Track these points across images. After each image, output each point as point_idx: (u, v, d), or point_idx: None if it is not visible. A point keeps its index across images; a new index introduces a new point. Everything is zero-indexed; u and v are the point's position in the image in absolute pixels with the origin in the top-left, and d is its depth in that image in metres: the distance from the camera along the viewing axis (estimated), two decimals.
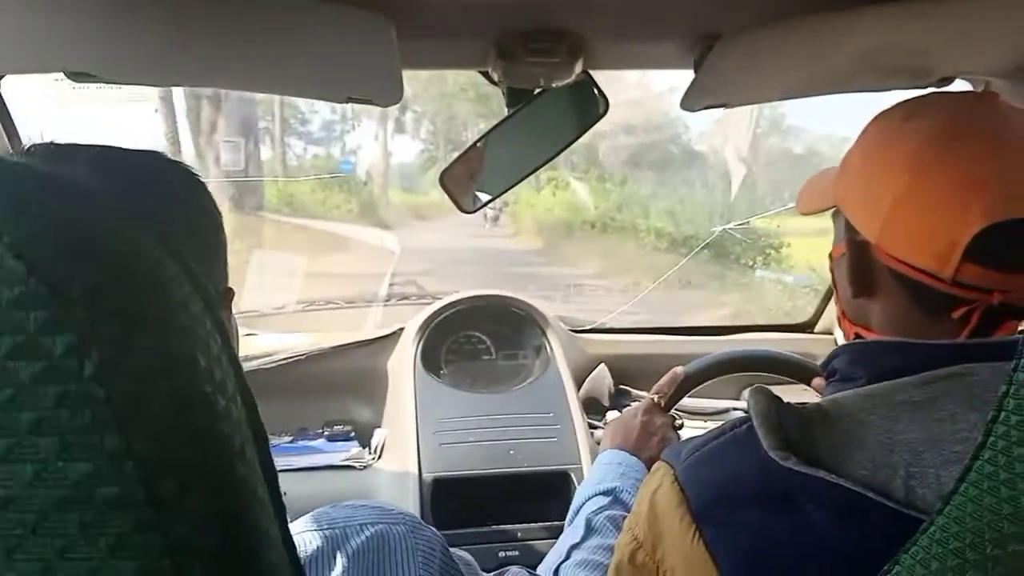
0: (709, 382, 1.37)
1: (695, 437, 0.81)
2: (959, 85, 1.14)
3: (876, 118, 0.80)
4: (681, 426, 1.30)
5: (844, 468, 0.65)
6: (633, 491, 1.09)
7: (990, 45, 1.01)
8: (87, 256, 0.32)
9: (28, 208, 0.31)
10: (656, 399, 1.28)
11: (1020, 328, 0.74)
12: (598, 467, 1.18)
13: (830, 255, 0.87)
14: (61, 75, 0.99)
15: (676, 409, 1.55)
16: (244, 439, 0.38)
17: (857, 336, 0.82)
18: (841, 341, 1.95)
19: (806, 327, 2.12)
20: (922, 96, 0.79)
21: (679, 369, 1.32)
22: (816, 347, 2.04)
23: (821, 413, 0.71)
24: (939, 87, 1.11)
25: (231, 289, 0.71)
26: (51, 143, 0.66)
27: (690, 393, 1.36)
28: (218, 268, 0.71)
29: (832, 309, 2.03)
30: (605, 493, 1.10)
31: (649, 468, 1.13)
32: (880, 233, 0.74)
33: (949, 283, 0.70)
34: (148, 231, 0.37)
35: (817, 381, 1.12)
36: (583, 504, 1.11)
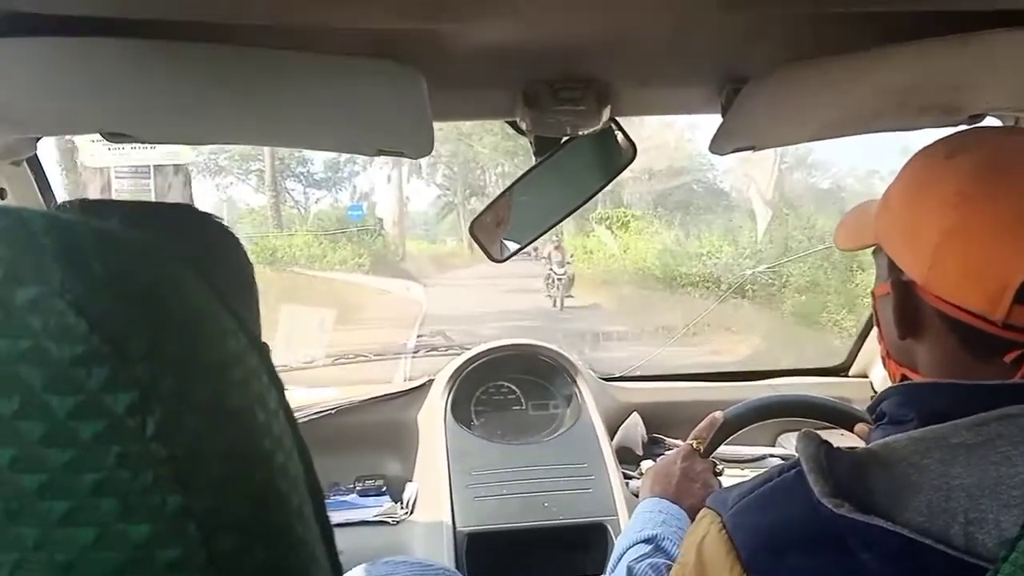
0: (747, 428, 1.35)
1: (741, 483, 0.79)
2: (989, 122, 1.13)
3: (917, 155, 0.79)
4: (721, 472, 1.27)
5: (900, 514, 0.63)
6: (675, 539, 1.06)
7: (1019, 81, 1.01)
8: (146, 311, 0.31)
9: (87, 264, 0.31)
10: (695, 444, 1.26)
11: None
12: (638, 516, 1.16)
13: (872, 294, 0.85)
14: (98, 135, 1.01)
15: (713, 456, 1.52)
16: (302, 497, 0.37)
17: (903, 377, 0.80)
18: (877, 384, 1.94)
19: (840, 371, 2.09)
20: (963, 132, 0.78)
21: (718, 414, 1.29)
22: (851, 391, 2.00)
23: (873, 457, 0.69)
24: (969, 124, 1.10)
25: (265, 344, 0.71)
26: (83, 200, 0.67)
27: (728, 440, 1.34)
28: (255, 321, 0.71)
29: (866, 351, 2.00)
30: (646, 541, 1.07)
31: (691, 516, 1.12)
32: (927, 274, 0.72)
33: (1000, 326, 0.68)
34: (200, 283, 0.36)
35: (860, 427, 1.10)
36: (624, 552, 1.08)
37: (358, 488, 1.87)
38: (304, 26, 0.80)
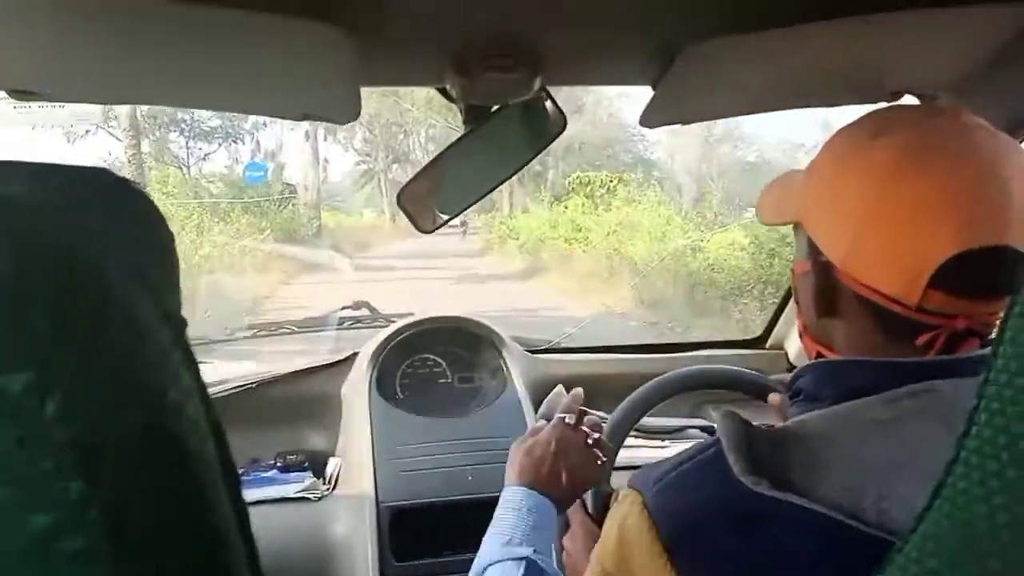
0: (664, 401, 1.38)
1: (662, 461, 0.79)
2: (907, 100, 1.17)
3: (841, 133, 0.79)
4: (597, 441, 1.20)
5: (815, 491, 0.65)
6: (547, 551, 1.00)
7: (940, 58, 1.04)
8: (46, 283, 0.29)
9: None
10: (566, 419, 1.20)
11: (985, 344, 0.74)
12: (505, 508, 1.07)
13: (792, 270, 0.86)
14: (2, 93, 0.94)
15: (636, 429, 1.54)
16: (216, 480, 0.35)
17: (819, 354, 0.82)
18: (793, 356, 2.00)
19: (757, 343, 2.15)
20: (886, 111, 0.78)
21: (579, 391, 1.27)
22: (768, 362, 2.06)
23: (790, 435, 0.71)
24: (890, 101, 1.13)
25: (182, 319, 0.67)
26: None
27: (649, 413, 1.36)
28: (174, 295, 0.67)
29: (783, 324, 2.06)
30: (517, 560, 0.98)
31: (557, 507, 1.08)
32: (845, 257, 0.73)
33: (914, 310, 0.70)
34: (110, 253, 0.34)
35: (772, 397, 1.12)
36: (491, 565, 0.99)
37: (279, 464, 1.83)
38: None
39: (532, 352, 2.06)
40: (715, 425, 1.90)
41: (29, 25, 0.80)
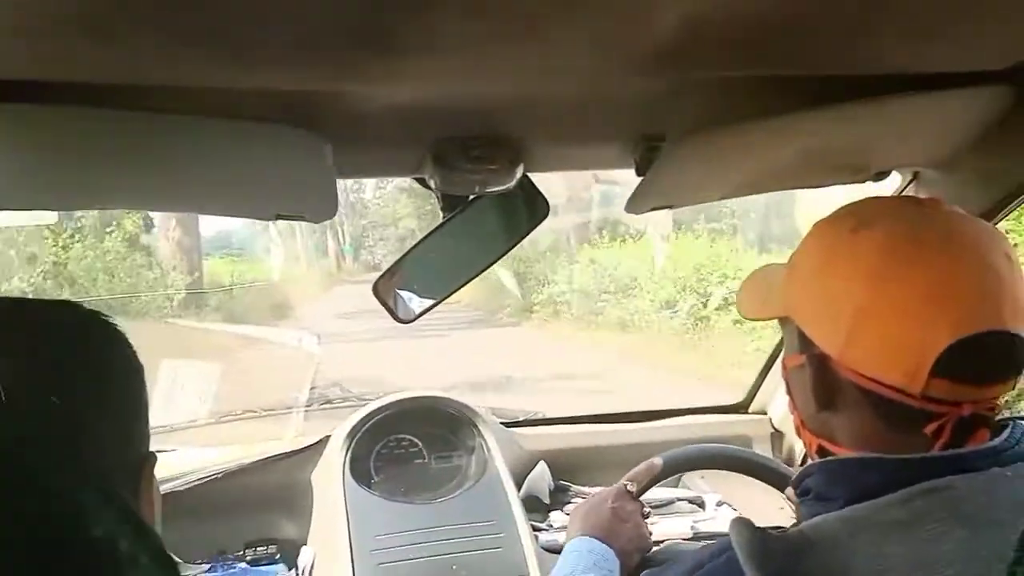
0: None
1: (666, 568, 0.80)
2: (893, 177, 1.16)
3: (822, 227, 0.79)
4: (648, 515, 1.26)
5: None
6: None
7: (925, 139, 1.04)
8: None
9: None
10: (629, 487, 1.23)
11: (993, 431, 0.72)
12: (567, 556, 1.13)
13: (783, 363, 0.85)
14: None
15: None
16: None
17: (821, 448, 0.80)
18: (776, 421, 1.97)
19: (740, 408, 2.11)
20: (865, 203, 0.79)
21: (657, 460, 1.27)
22: (751, 428, 2.03)
23: (805, 540, 0.69)
24: (876, 180, 1.12)
25: (153, 454, 0.62)
26: None
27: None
28: (139, 428, 0.61)
29: (765, 389, 2.03)
30: None
31: (620, 558, 1.12)
32: (843, 349, 0.72)
33: (919, 399, 0.69)
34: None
35: (791, 491, 1.10)
36: None
37: (248, 556, 1.73)
38: (200, 88, 0.72)
39: (508, 425, 2.00)
40: (702, 496, 1.87)
41: None
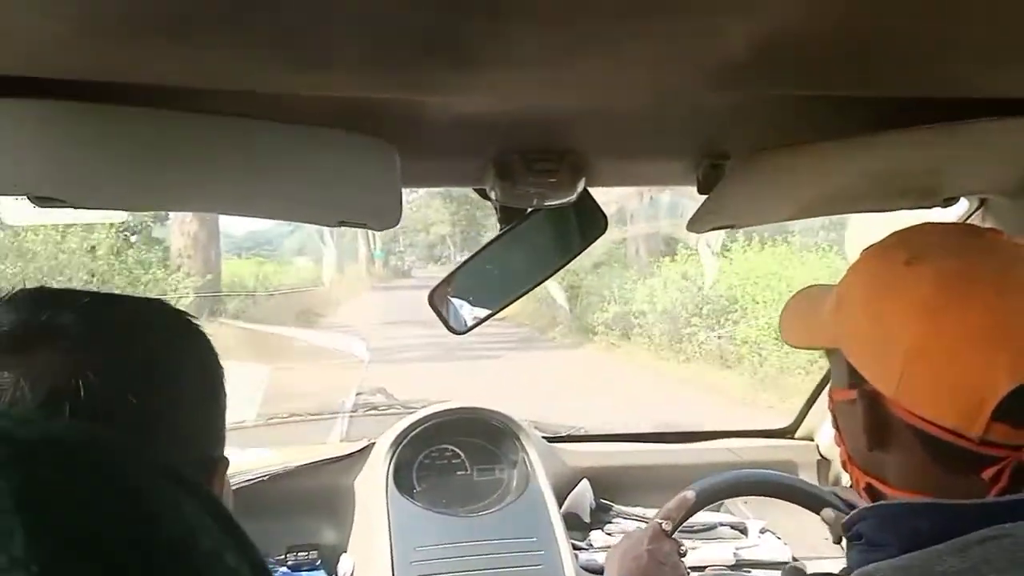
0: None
1: None
2: (961, 203, 1.14)
3: (872, 256, 0.77)
4: (685, 553, 1.23)
5: None
6: None
7: (997, 166, 1.02)
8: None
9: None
10: (663, 525, 1.20)
11: None
12: None
13: (830, 396, 0.83)
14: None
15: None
16: None
17: (869, 487, 0.78)
18: (823, 448, 1.94)
19: (786, 432, 2.08)
20: (917, 233, 0.77)
21: (689, 493, 1.24)
22: (797, 454, 1.99)
23: None
24: (944, 206, 1.10)
25: (225, 458, 0.62)
26: (39, 288, 0.58)
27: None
28: (212, 430, 0.62)
29: (813, 414, 1.99)
30: None
31: None
32: (897, 388, 0.70)
33: (977, 443, 0.67)
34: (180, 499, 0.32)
35: (827, 512, 1.08)
36: None
37: (289, 561, 1.74)
38: (270, 93, 0.73)
39: (552, 440, 1.99)
40: (745, 522, 1.84)
41: (59, 133, 0.76)
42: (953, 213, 1.18)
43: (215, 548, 0.32)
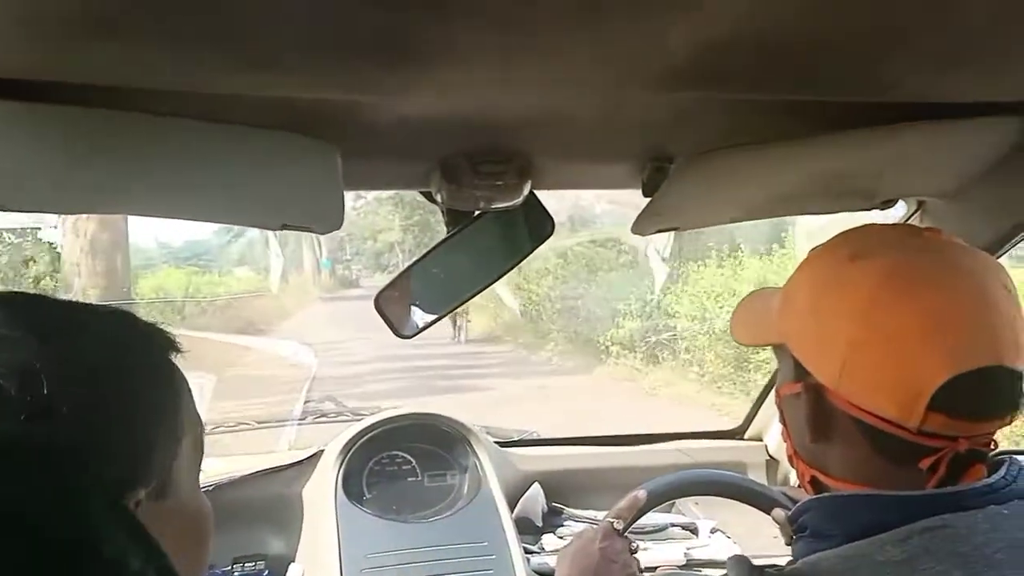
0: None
1: None
2: (900, 206, 1.16)
3: (819, 254, 0.79)
4: (636, 550, 1.23)
5: None
6: None
7: (937, 168, 1.04)
8: None
9: None
10: (615, 524, 1.20)
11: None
12: None
13: (777, 391, 0.85)
14: None
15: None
16: None
17: (814, 479, 0.80)
18: (772, 448, 1.96)
19: (736, 434, 2.10)
20: (863, 231, 0.79)
21: (640, 493, 1.25)
22: (746, 454, 2.02)
23: None
24: (883, 208, 1.12)
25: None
26: (15, 293, 0.57)
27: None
28: (168, 444, 0.60)
29: (762, 415, 2.02)
30: None
31: None
32: (839, 380, 0.72)
33: (915, 433, 0.69)
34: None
35: (777, 512, 1.09)
36: None
37: (236, 572, 1.70)
38: (210, 93, 0.71)
39: (503, 444, 1.98)
40: (696, 522, 1.85)
41: None
42: (892, 216, 1.21)
43: (118, 556, 0.32)
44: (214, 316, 12.79)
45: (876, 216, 1.16)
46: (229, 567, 1.71)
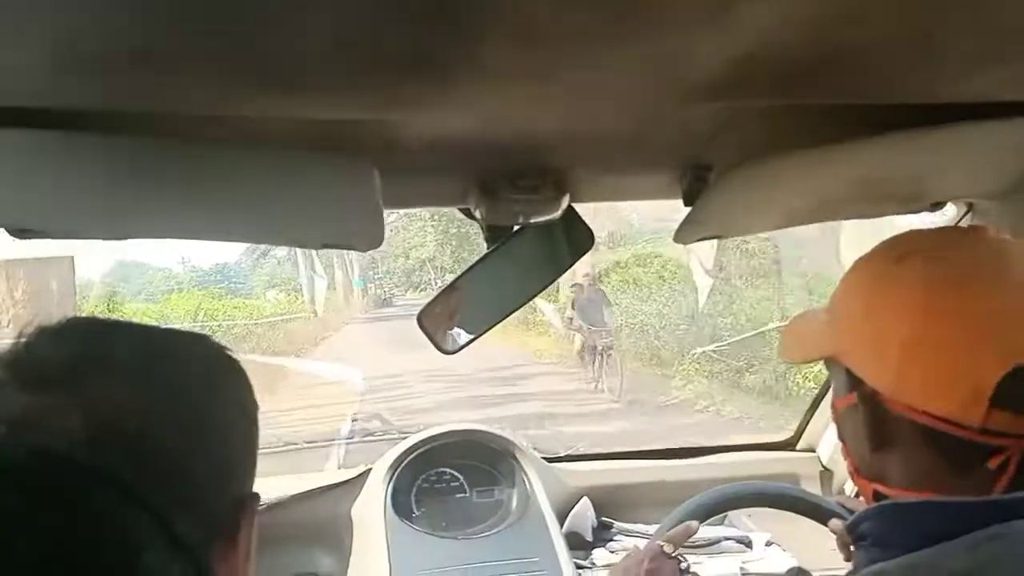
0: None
1: None
2: (948, 209, 1.13)
3: (863, 262, 0.77)
4: (687, 569, 1.21)
5: None
6: None
7: (981, 169, 1.01)
8: None
9: None
10: (665, 548, 1.19)
11: None
12: None
13: (833, 406, 0.83)
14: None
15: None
16: None
17: (876, 493, 0.77)
18: (825, 459, 1.92)
19: (787, 445, 2.06)
20: (905, 235, 0.77)
21: (694, 524, 1.23)
22: (799, 466, 1.98)
23: None
24: (932, 211, 1.10)
25: (256, 494, 0.61)
26: (92, 318, 0.58)
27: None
28: (246, 467, 0.61)
29: (814, 426, 1.98)
30: None
31: None
32: (894, 384, 0.70)
33: (978, 432, 0.66)
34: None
35: (834, 522, 1.07)
36: None
37: None
38: (246, 116, 0.72)
39: (550, 460, 1.98)
40: (749, 535, 1.82)
41: (30, 162, 0.76)
42: (941, 219, 1.18)
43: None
44: (249, 340, 12.78)
45: (925, 220, 1.13)
46: None
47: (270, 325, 14.01)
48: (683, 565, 1.20)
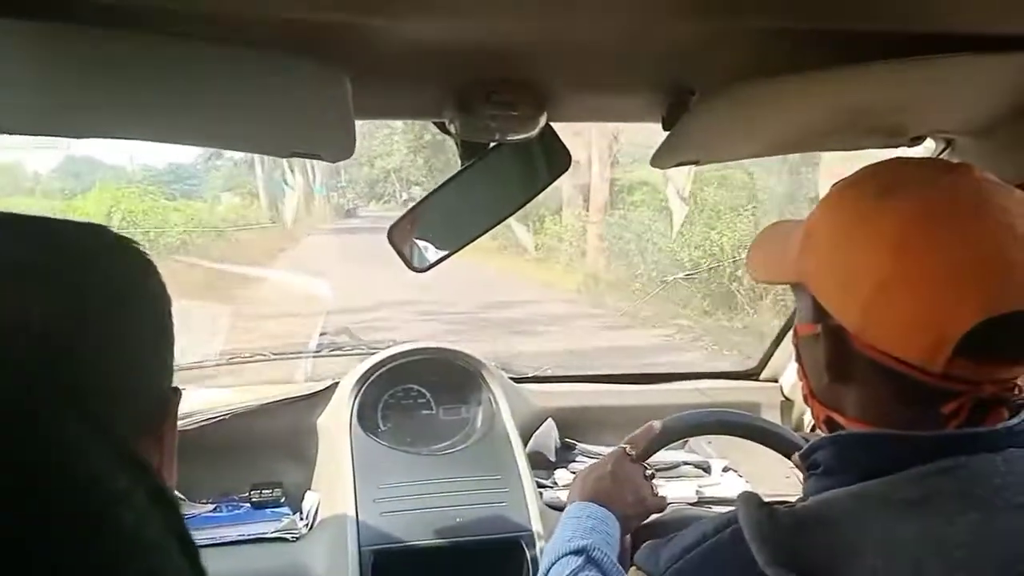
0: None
1: (670, 539, 0.78)
2: (928, 144, 1.12)
3: (841, 190, 0.75)
4: (652, 476, 1.24)
5: None
6: (605, 548, 1.03)
7: (966, 103, 1.00)
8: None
9: None
10: (628, 449, 1.21)
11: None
12: (566, 522, 1.11)
13: (795, 331, 0.82)
14: None
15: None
16: None
17: (829, 419, 0.78)
18: (787, 389, 1.96)
19: (751, 375, 2.10)
20: (887, 166, 0.75)
21: (655, 423, 1.25)
22: (761, 395, 2.02)
23: (813, 517, 0.68)
24: (911, 145, 1.08)
25: (178, 389, 0.60)
26: None
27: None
28: (162, 365, 0.59)
29: (778, 356, 2.01)
30: (576, 552, 1.02)
31: (620, 522, 1.11)
32: (861, 323, 0.69)
33: (939, 378, 0.66)
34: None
35: (797, 456, 1.09)
36: (552, 565, 1.04)
37: (254, 498, 1.74)
38: (217, 12, 0.68)
39: (518, 380, 1.99)
40: (708, 461, 1.87)
41: None
42: (920, 153, 1.17)
43: (100, 473, 0.31)
44: (210, 246, 12.24)
45: (904, 153, 1.12)
46: (247, 494, 1.75)
47: (220, 233, 13.52)
48: (648, 472, 1.23)
